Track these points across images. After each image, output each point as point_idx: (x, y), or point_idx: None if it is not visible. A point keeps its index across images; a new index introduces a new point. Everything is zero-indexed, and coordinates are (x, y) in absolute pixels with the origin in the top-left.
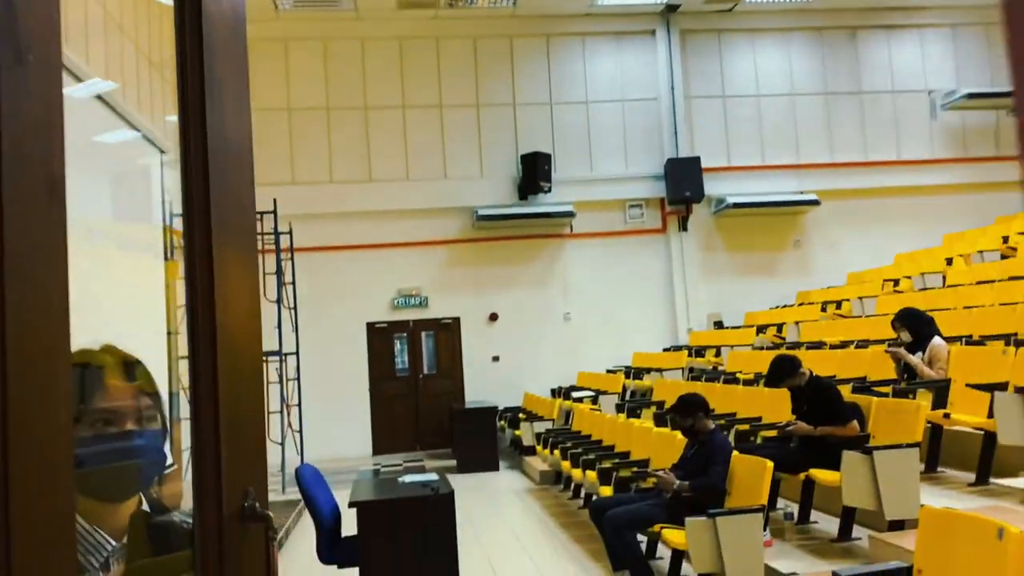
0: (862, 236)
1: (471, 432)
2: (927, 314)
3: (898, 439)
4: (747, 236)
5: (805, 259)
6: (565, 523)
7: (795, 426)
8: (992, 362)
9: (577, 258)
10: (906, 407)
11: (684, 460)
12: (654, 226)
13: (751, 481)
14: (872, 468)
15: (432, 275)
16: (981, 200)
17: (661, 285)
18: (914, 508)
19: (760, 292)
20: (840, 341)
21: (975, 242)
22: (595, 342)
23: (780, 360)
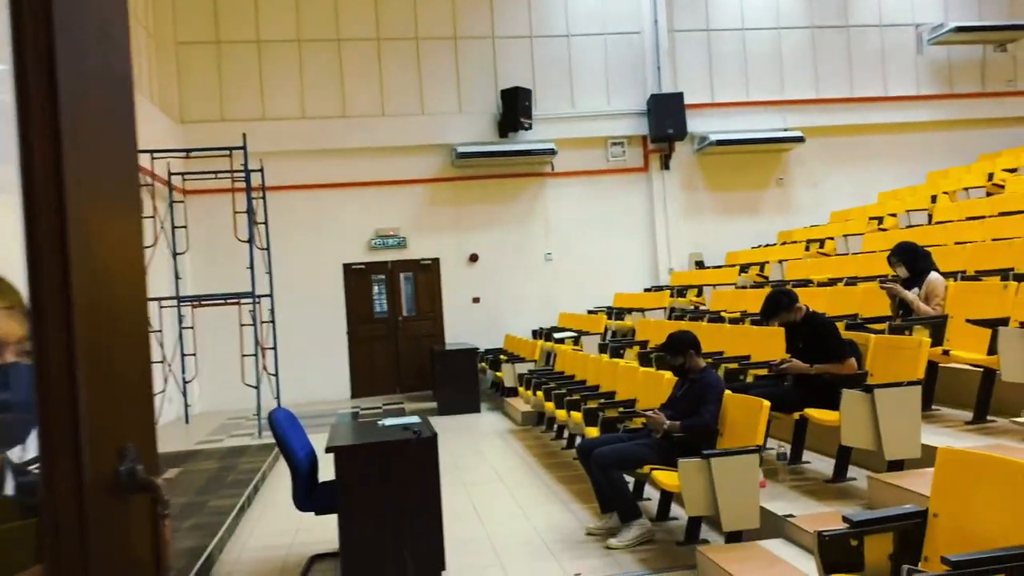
0: (845, 174)
1: (452, 374)
2: (924, 248)
3: (898, 377)
4: (729, 175)
5: (787, 198)
6: (549, 464)
7: (789, 364)
8: (991, 298)
9: (558, 197)
10: (907, 344)
11: (674, 400)
12: (636, 165)
13: (746, 421)
14: (872, 407)
15: (411, 215)
16: (965, 137)
17: (643, 225)
18: (915, 448)
19: (742, 231)
20: (828, 279)
21: (959, 180)
22: (576, 283)
23: (776, 294)
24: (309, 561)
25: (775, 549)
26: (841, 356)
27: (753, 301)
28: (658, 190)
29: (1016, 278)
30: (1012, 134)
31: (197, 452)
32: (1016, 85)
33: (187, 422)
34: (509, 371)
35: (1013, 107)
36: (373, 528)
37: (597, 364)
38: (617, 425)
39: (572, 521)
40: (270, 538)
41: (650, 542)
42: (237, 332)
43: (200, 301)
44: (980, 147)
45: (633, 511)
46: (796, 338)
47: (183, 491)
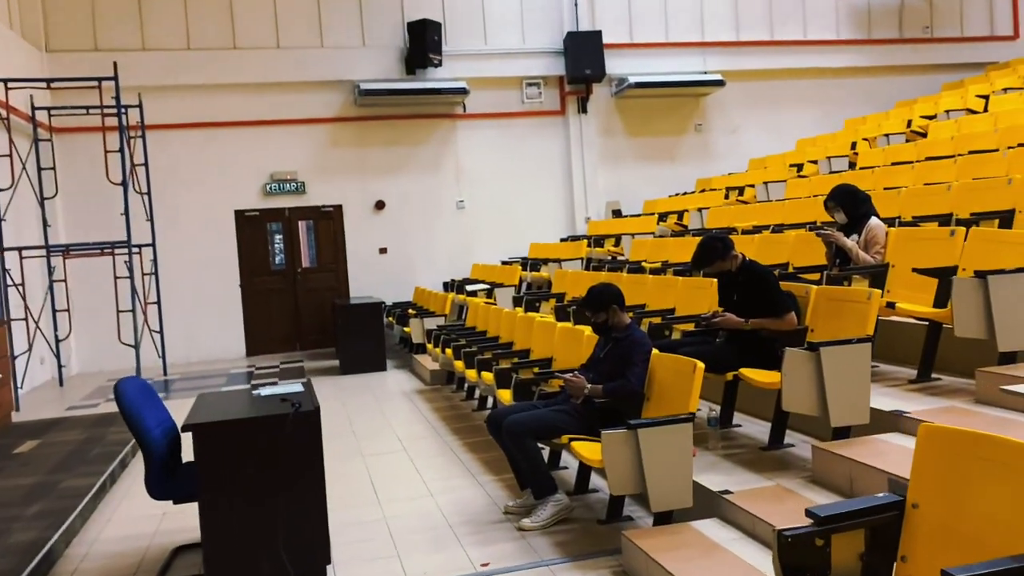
0: (763, 121)
1: (355, 330)
2: (864, 192)
3: (842, 333)
4: (648, 120)
5: (705, 144)
6: (459, 428)
7: (722, 318)
8: (936, 245)
9: (471, 141)
10: (854, 296)
11: (595, 360)
12: (552, 108)
13: (676, 384)
14: (818, 368)
15: (310, 158)
16: (882, 84)
17: (559, 171)
18: (863, 413)
19: (660, 179)
20: (753, 226)
21: (878, 126)
22: (490, 232)
23: (710, 241)
24: (171, 554)
25: (710, 532)
26: (780, 310)
27: (675, 251)
28: (575, 135)
29: (961, 223)
30: (927, 81)
31: (63, 420)
32: (932, 32)
33: (61, 384)
34: (417, 326)
35: (929, 54)
36: (241, 518)
37: (511, 319)
38: (532, 388)
39: (482, 498)
40: (130, 525)
41: (568, 520)
42: (116, 285)
43: (70, 250)
44: (896, 94)
45: (548, 485)
46: (730, 290)
47: (35, 469)
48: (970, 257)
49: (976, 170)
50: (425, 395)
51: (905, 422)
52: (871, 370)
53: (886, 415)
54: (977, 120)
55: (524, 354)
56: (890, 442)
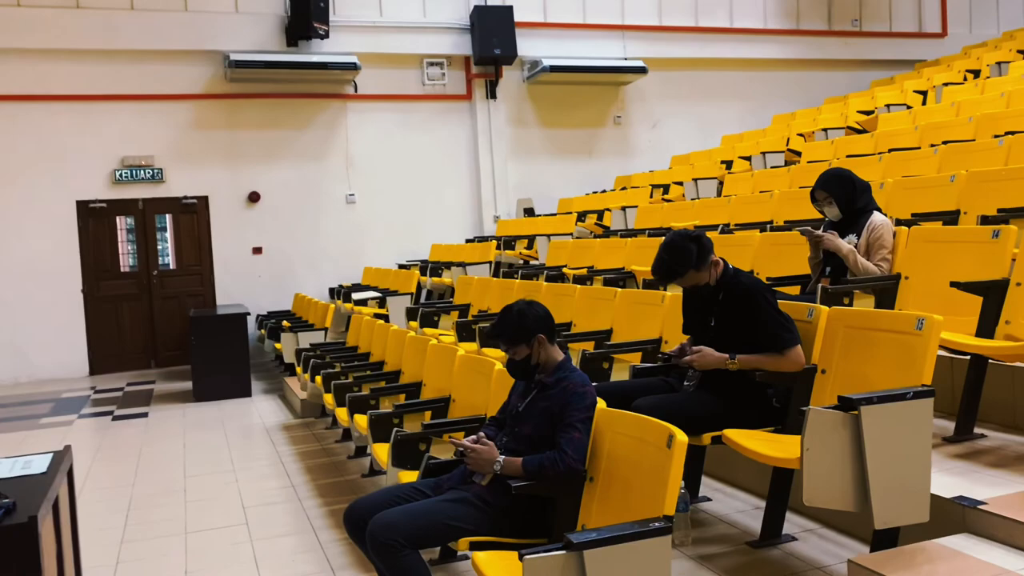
0: (687, 114)
1: (214, 347)
2: (862, 180)
3: (875, 378)
4: (563, 110)
5: (625, 139)
6: (324, 487)
7: (697, 354)
8: (974, 251)
9: (363, 126)
10: (896, 323)
11: (513, 413)
12: (457, 91)
13: (642, 464)
14: (857, 437)
15: (169, 140)
16: (810, 79)
17: (465, 164)
18: (921, 506)
19: (576, 175)
20: (694, 227)
21: (814, 120)
22: (385, 230)
23: (679, 241)
24: None
25: None
26: (781, 343)
27: (603, 255)
28: (483, 123)
29: (997, 221)
30: (857, 77)
31: None
32: (861, 25)
33: None
34: (290, 343)
35: (858, 48)
36: None
37: (399, 339)
38: (420, 448)
39: None
40: None
41: None
42: None
43: None
44: (825, 90)
45: None
46: (704, 311)
47: None
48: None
49: (959, 161)
50: (292, 433)
51: (979, 519)
52: None
53: (946, 504)
54: (938, 110)
55: (414, 391)
56: (965, 553)
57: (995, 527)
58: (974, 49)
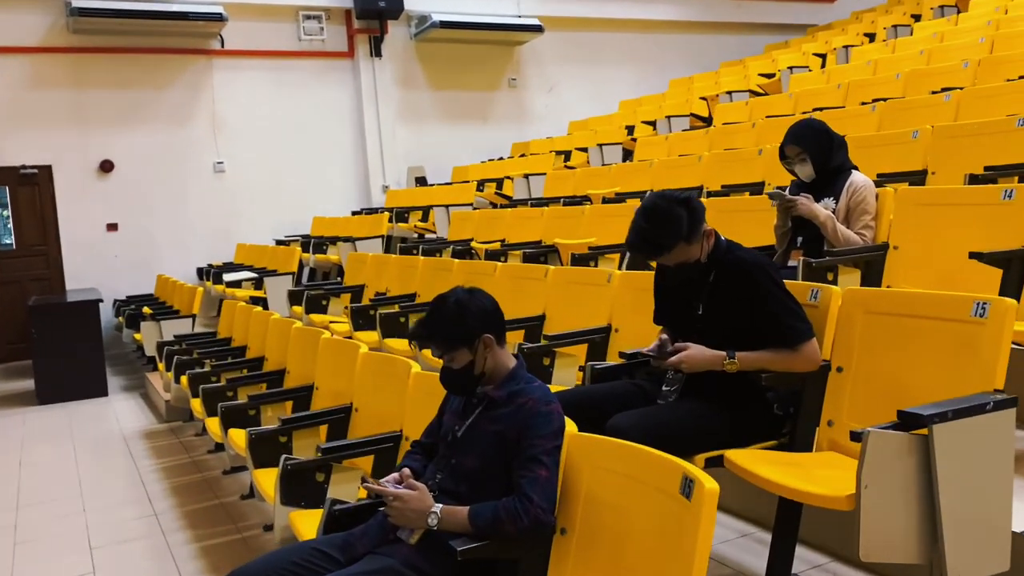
0: (584, 78)
1: (60, 340)
2: (838, 134)
3: (916, 378)
4: (455, 71)
5: (521, 103)
6: (192, 514)
7: (684, 353)
8: (982, 214)
9: (232, 86)
10: (940, 307)
11: (449, 439)
12: (338, 48)
13: (646, 518)
14: (926, 464)
15: (2, 101)
16: (705, 43)
17: (349, 128)
18: (1002, 549)
19: (471, 141)
20: (615, 193)
21: (716, 84)
22: (260, 203)
23: (665, 205)
24: None
25: None
26: (793, 336)
27: (515, 227)
28: (367, 84)
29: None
30: (751, 41)
31: None
32: None
33: None
34: (151, 332)
35: (752, 12)
36: None
37: (282, 332)
38: (316, 475)
39: None
40: None
41: None
42: None
43: None
44: (720, 54)
45: None
46: (688, 294)
47: None
48: None
49: (899, 119)
50: (156, 442)
51: None
52: None
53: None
54: (853, 69)
55: (304, 397)
56: None
57: None
58: (865, 14)
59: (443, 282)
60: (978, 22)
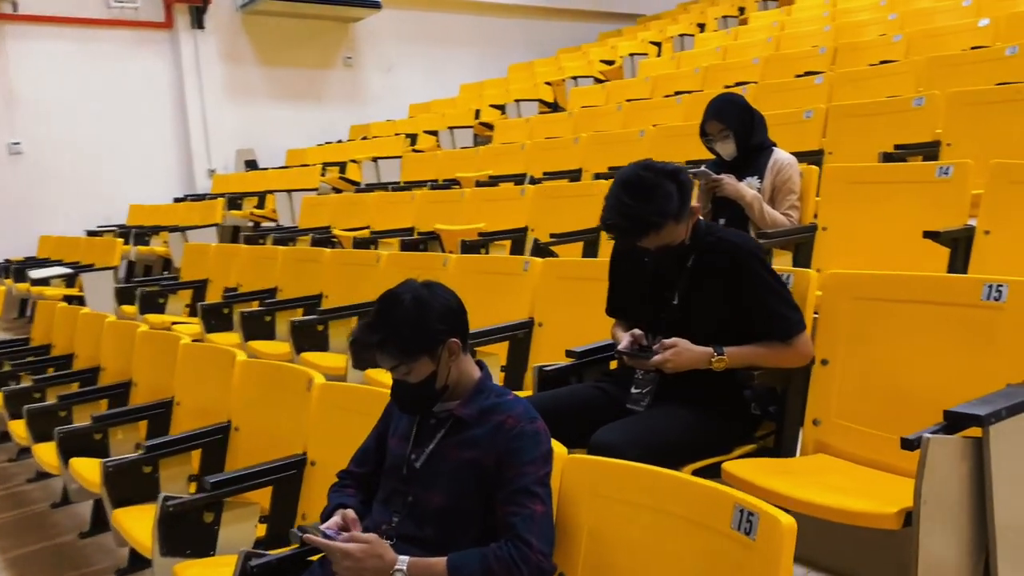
0: (423, 59)
1: None
2: (758, 111)
3: (920, 371)
4: (286, 46)
5: (358, 83)
6: (17, 561)
7: (671, 351)
8: (917, 192)
9: (29, 57)
10: (951, 292)
11: (403, 471)
12: (154, 17)
13: (687, 562)
14: (979, 471)
15: None
16: (542, 29)
17: (168, 107)
18: None
19: (304, 123)
20: (488, 177)
21: (560, 69)
22: (66, 189)
23: (654, 177)
24: None
25: None
26: (789, 326)
27: (382, 214)
28: (189, 58)
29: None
30: (585, 29)
31: None
32: None
33: None
34: None
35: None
36: None
37: (120, 337)
38: (204, 515)
39: None
40: None
41: None
42: None
43: None
44: (557, 41)
45: None
46: (664, 282)
47: None
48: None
49: (777, 101)
50: None
51: None
52: None
53: None
54: (705, 55)
55: (161, 415)
56: None
57: None
58: (692, 5)
59: (311, 275)
60: (814, 12)
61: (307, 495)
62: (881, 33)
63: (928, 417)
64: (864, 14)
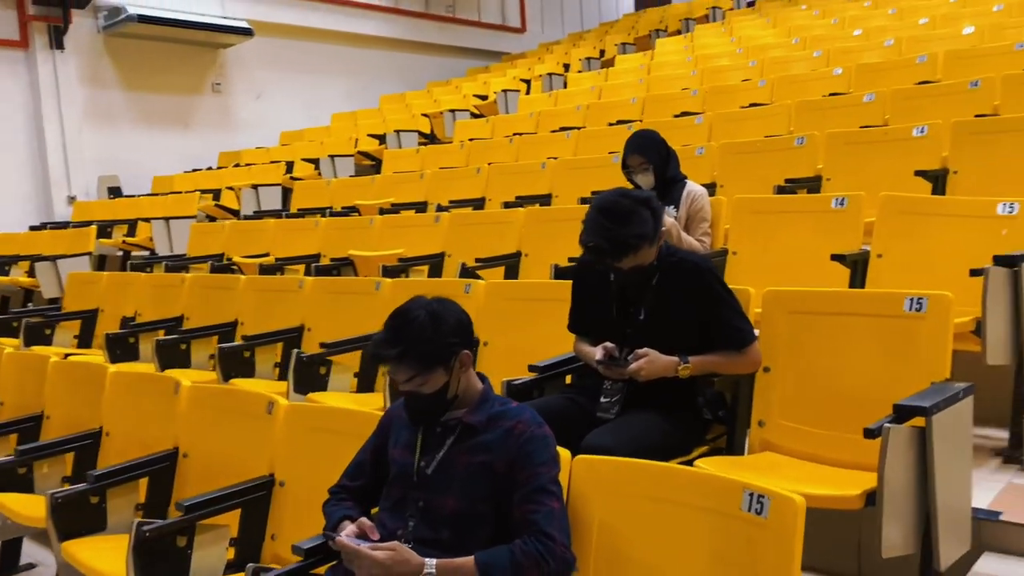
0: (293, 87)
1: None
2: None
3: (853, 375)
4: (152, 71)
5: (227, 110)
6: None
7: (645, 359)
8: (793, 223)
9: None
10: (876, 305)
11: (413, 478)
12: (8, 35)
13: (705, 547)
14: (922, 455)
15: None
16: (412, 62)
17: (24, 130)
18: (966, 531)
19: (171, 150)
20: (391, 204)
21: (435, 102)
22: None
23: (630, 204)
24: None
25: None
26: (743, 337)
27: (285, 241)
28: (47, 80)
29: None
30: (453, 64)
31: None
32: (455, 12)
33: None
34: None
35: (453, 35)
36: None
37: (26, 367)
38: (177, 539)
39: None
40: None
41: None
42: None
43: None
44: (427, 74)
45: None
46: (630, 299)
47: None
48: (878, 239)
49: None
50: None
51: (997, 532)
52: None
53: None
54: (578, 93)
55: (88, 447)
56: None
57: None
58: (554, 45)
59: (226, 302)
60: (677, 57)
61: (276, 516)
62: (745, 79)
63: (861, 415)
64: (724, 60)
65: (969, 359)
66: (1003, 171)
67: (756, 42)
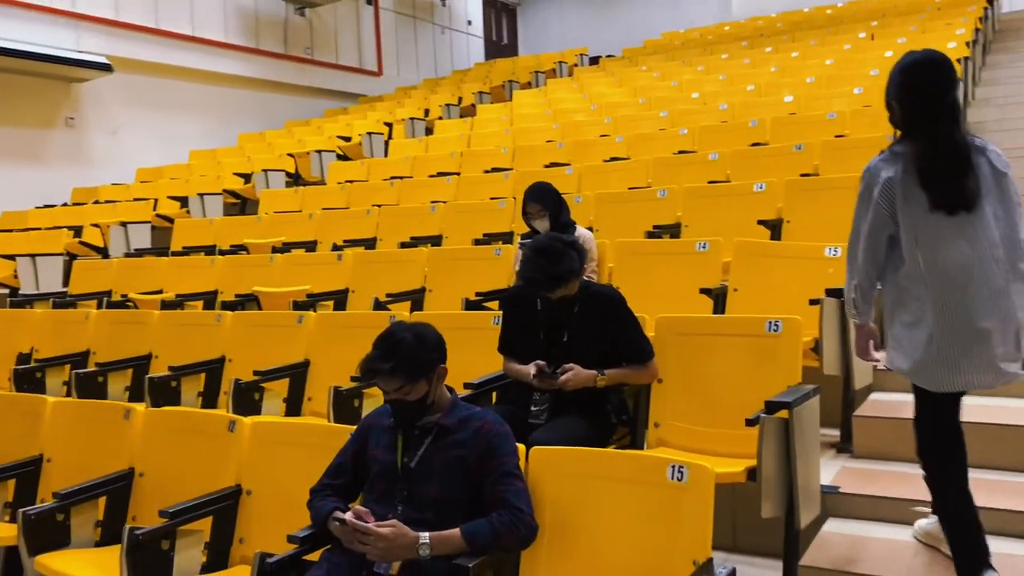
0: (151, 124)
1: None
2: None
3: (725, 383)
4: (0, 103)
5: (81, 145)
6: None
7: (572, 373)
8: (675, 263)
9: None
10: (745, 327)
11: (397, 472)
12: None
13: (632, 510)
14: (786, 439)
15: None
16: (271, 101)
17: None
18: (816, 499)
19: (19, 185)
20: (283, 243)
21: (300, 142)
22: None
23: (560, 246)
24: None
25: None
26: (646, 353)
27: (174, 278)
28: None
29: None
30: (311, 104)
31: None
32: (313, 53)
33: None
34: None
35: (311, 76)
36: None
37: None
38: (162, 543)
39: None
40: None
41: None
42: None
43: None
44: (285, 113)
45: None
46: (551, 327)
47: None
48: (732, 276)
49: None
50: None
51: (838, 503)
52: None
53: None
54: (451, 140)
55: (29, 473)
56: (866, 536)
57: (857, 507)
58: (412, 90)
59: (132, 337)
60: (536, 110)
61: (245, 521)
62: (603, 134)
63: (734, 415)
64: (580, 115)
65: (808, 372)
66: (827, 221)
67: (607, 99)
